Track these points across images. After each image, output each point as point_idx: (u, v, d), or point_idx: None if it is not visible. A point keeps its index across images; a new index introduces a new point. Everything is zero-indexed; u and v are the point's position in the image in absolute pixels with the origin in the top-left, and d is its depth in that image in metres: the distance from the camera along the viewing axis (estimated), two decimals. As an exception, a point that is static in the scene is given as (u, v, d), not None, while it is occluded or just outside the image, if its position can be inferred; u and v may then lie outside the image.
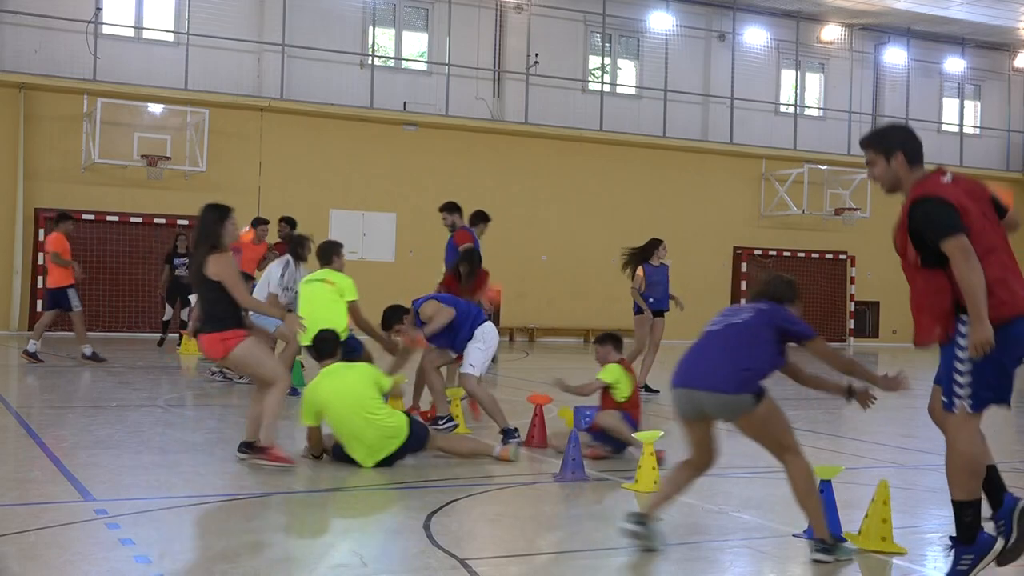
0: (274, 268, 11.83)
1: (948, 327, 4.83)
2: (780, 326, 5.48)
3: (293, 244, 11.97)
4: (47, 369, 14.23)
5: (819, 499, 5.49)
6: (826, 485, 5.82)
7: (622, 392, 8.54)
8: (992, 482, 5.05)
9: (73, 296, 14.72)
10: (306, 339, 8.68)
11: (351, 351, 9.07)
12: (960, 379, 4.83)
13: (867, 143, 5.16)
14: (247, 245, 14.30)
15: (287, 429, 9.16)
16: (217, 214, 7.61)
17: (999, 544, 4.93)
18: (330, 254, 10.32)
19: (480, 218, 12.51)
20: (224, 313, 7.50)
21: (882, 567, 5.51)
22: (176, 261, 18.14)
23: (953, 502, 4.90)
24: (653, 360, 13.52)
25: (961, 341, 4.79)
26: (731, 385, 5.27)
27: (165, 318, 19.03)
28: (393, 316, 9.52)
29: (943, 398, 4.94)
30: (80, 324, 14.98)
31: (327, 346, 8.09)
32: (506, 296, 25.88)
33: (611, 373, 8.54)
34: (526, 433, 8.98)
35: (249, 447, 7.66)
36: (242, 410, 9.29)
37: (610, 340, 8.78)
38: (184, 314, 18.07)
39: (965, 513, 4.87)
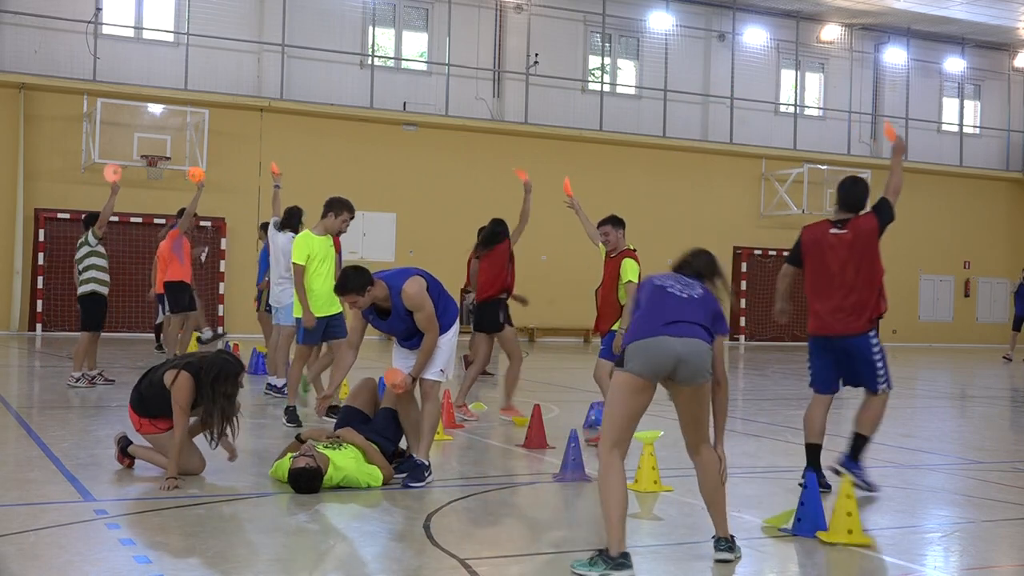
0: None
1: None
2: (714, 313, 5.31)
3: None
4: (47, 369, 14.22)
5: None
6: (811, 481, 5.83)
7: None
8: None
9: None
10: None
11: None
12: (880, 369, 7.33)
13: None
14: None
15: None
16: None
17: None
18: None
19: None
20: None
21: (882, 567, 5.51)
22: None
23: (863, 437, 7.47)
24: None
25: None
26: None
27: (158, 321, 18.78)
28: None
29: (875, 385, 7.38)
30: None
31: None
32: (506, 296, 25.89)
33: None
34: (524, 434, 8.97)
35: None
36: (243, 411, 9.27)
37: None
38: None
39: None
